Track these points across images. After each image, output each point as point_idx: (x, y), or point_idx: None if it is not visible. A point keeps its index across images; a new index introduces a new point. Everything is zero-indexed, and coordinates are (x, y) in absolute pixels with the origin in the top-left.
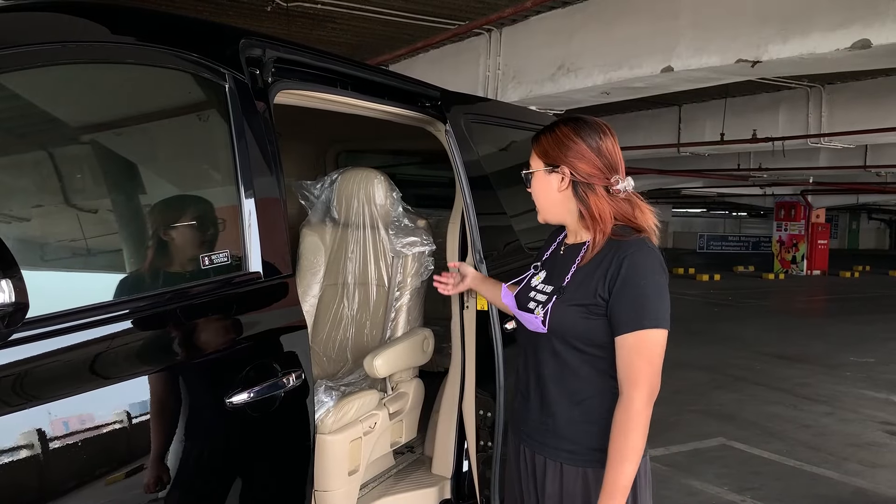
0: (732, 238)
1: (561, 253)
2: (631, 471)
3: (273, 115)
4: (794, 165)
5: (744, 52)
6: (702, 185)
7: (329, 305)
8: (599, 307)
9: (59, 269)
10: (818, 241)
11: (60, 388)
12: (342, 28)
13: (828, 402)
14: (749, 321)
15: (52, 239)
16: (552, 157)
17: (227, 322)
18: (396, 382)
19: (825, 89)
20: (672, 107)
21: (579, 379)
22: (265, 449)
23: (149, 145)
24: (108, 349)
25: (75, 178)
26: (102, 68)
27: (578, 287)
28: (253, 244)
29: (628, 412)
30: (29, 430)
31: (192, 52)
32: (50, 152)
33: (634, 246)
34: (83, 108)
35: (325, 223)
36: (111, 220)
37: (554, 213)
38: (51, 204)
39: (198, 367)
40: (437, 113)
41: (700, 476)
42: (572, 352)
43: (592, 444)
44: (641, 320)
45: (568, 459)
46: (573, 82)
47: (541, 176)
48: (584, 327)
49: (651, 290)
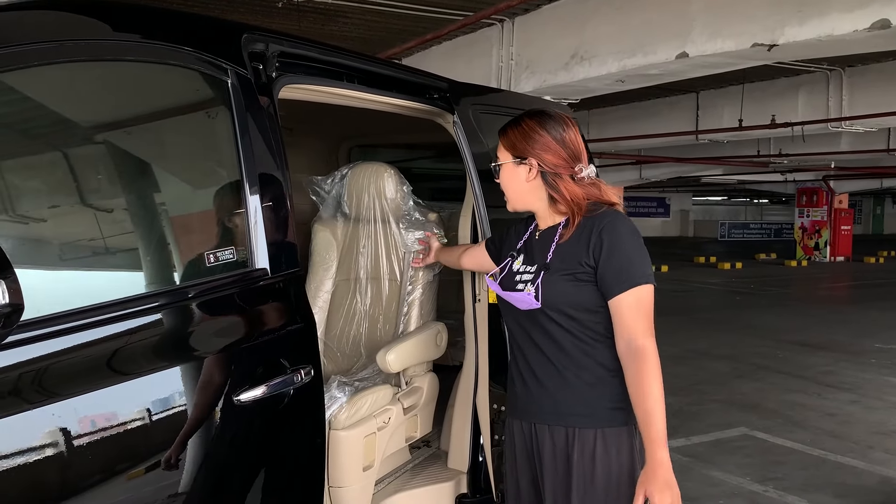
0: (754, 225)
1: (536, 238)
2: (663, 414)
3: (277, 110)
4: (816, 151)
5: (759, 36)
6: (722, 173)
7: (342, 301)
8: (586, 273)
9: (58, 269)
10: (841, 226)
11: (64, 389)
12: (354, 23)
13: (852, 389)
14: (771, 309)
15: (52, 238)
16: (520, 150)
17: (233, 319)
18: (410, 377)
19: (845, 72)
20: (689, 94)
21: (582, 344)
22: (275, 447)
23: (150, 143)
24: (111, 349)
25: (75, 178)
26: (101, 66)
27: (562, 260)
28: (259, 240)
29: (646, 362)
30: (31, 432)
31: (194, 47)
32: (49, 151)
33: (610, 216)
34: (83, 106)
35: (337, 218)
36: (112, 218)
37: (523, 202)
38: (49, 203)
39: (204, 366)
40: (445, 104)
41: (721, 466)
42: (568, 320)
43: (605, 404)
44: (635, 278)
45: (585, 423)
46: (587, 71)
47: (509, 168)
48: (575, 294)
49: (635, 251)
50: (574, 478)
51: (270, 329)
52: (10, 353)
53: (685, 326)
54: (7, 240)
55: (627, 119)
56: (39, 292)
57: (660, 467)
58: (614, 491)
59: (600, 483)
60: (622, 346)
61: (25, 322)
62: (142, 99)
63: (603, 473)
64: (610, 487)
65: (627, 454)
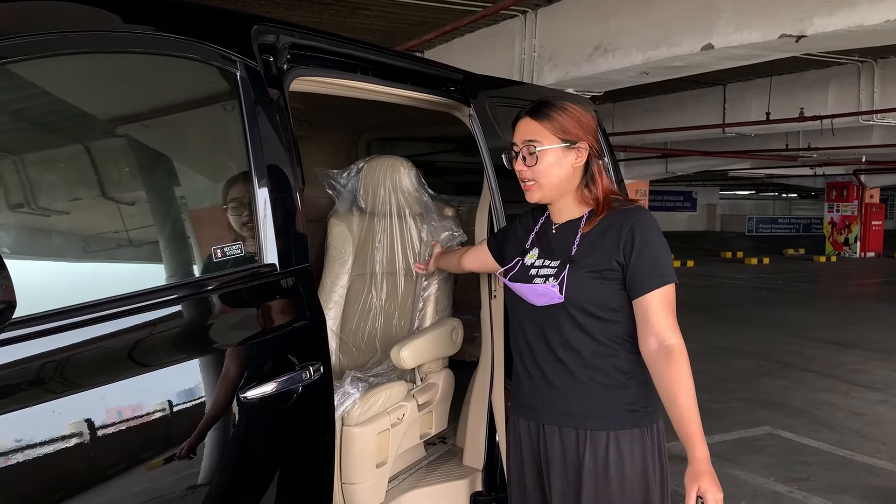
0: (782, 220)
1: (554, 231)
2: (698, 412)
3: (289, 103)
4: (846, 144)
5: (787, 27)
6: (749, 167)
7: (357, 296)
8: (613, 272)
9: (57, 263)
10: (872, 221)
11: (63, 386)
12: (375, 15)
13: (882, 389)
14: (799, 305)
15: (55, 232)
16: (572, 134)
17: (240, 315)
18: (425, 373)
19: (877, 64)
20: (716, 86)
21: (599, 346)
22: (283, 444)
23: (156, 136)
24: (111, 347)
25: (78, 172)
26: (106, 58)
27: (588, 254)
28: (268, 235)
29: (678, 361)
30: (28, 429)
31: (201, 39)
32: (50, 144)
33: (640, 212)
34: (87, 99)
35: (353, 212)
36: (115, 212)
37: (558, 190)
38: (52, 196)
39: (210, 362)
40: (460, 97)
41: (745, 466)
42: (589, 319)
43: (619, 406)
44: (664, 277)
45: (598, 425)
46: (611, 63)
47: (556, 152)
48: (598, 292)
49: (663, 249)
50: (585, 480)
51: (278, 325)
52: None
53: (711, 323)
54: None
55: (653, 112)
56: (35, 289)
57: (704, 464)
58: (627, 494)
59: (613, 486)
60: (651, 344)
61: (18, 319)
62: (148, 91)
63: (616, 476)
64: (623, 490)
65: (640, 456)
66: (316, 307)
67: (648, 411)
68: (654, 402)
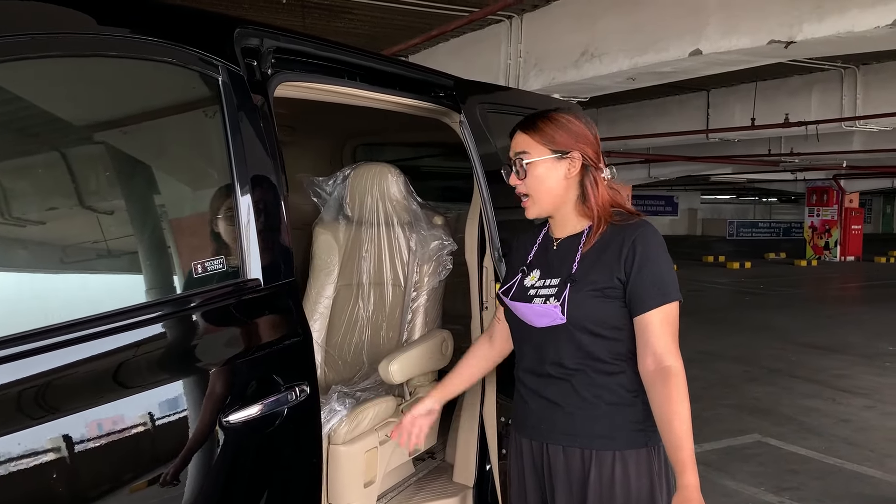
0: (763, 224)
1: (555, 248)
2: (691, 437)
3: (273, 109)
4: (827, 150)
5: (776, 33)
6: (731, 172)
7: (343, 307)
8: (615, 290)
9: (28, 280)
10: (852, 226)
11: (37, 412)
12: (359, 19)
13: (868, 394)
14: (782, 310)
15: (24, 246)
16: (561, 143)
17: (222, 334)
18: (414, 387)
19: (860, 70)
20: (700, 92)
21: (604, 363)
22: (268, 469)
23: (133, 144)
24: (82, 372)
25: (51, 181)
26: (80, 62)
27: (589, 272)
28: (252, 249)
29: (675, 384)
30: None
31: (181, 43)
32: (23, 152)
33: (641, 227)
34: (60, 105)
35: (339, 221)
36: (88, 225)
37: (553, 204)
38: (21, 208)
39: (190, 385)
40: (450, 103)
41: (735, 475)
42: (591, 337)
43: (625, 425)
44: (667, 295)
45: (603, 445)
46: (597, 68)
47: (547, 164)
48: (601, 311)
49: (666, 265)
50: (590, 501)
51: (263, 344)
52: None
53: (695, 327)
54: None
55: (637, 117)
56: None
57: (692, 491)
58: None
59: None
60: (649, 364)
61: None
62: (124, 98)
63: (622, 496)
64: None
65: (647, 476)
66: (303, 324)
67: (656, 430)
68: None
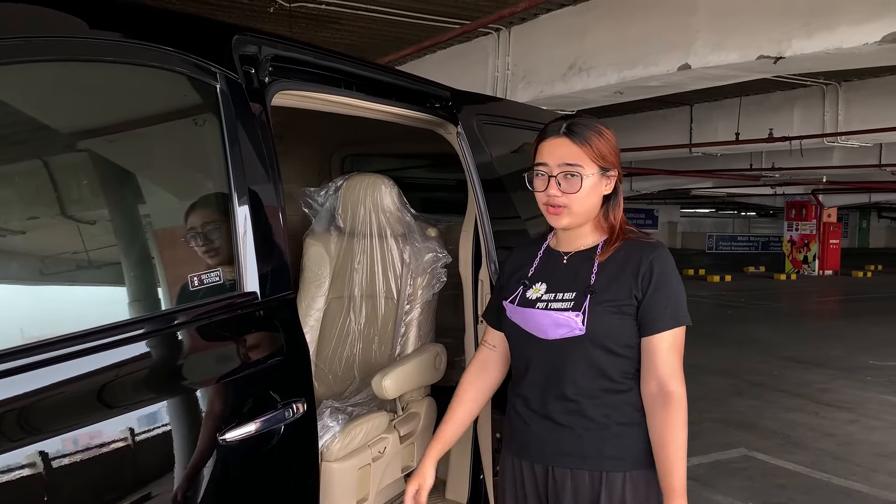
0: (742, 238)
1: (564, 262)
2: (685, 464)
3: (270, 118)
4: (808, 165)
5: (765, 48)
6: (712, 186)
7: (335, 320)
8: (631, 307)
9: (12, 295)
10: (830, 240)
11: (19, 432)
12: (347, 29)
13: (851, 408)
14: (763, 323)
15: (9, 258)
16: (609, 161)
17: (218, 349)
18: (407, 402)
19: (841, 87)
20: (684, 106)
21: (612, 382)
22: (264, 489)
23: (126, 152)
24: (76, 388)
25: (42, 189)
26: (75, 67)
27: (608, 287)
28: (248, 262)
29: (676, 410)
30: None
31: (179, 49)
32: (9, 158)
33: (659, 247)
34: (53, 111)
35: (330, 232)
36: (82, 235)
37: (586, 217)
38: (14, 218)
39: (186, 403)
40: (447, 114)
41: (722, 490)
42: (606, 354)
43: (636, 445)
44: (678, 318)
45: (614, 466)
46: (585, 82)
47: (595, 179)
48: (619, 328)
49: (679, 288)
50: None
51: (260, 359)
52: None
53: None
54: None
55: (620, 130)
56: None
57: None
58: None
59: None
60: (652, 387)
61: None
62: (119, 104)
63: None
64: None
65: (655, 497)
66: (300, 339)
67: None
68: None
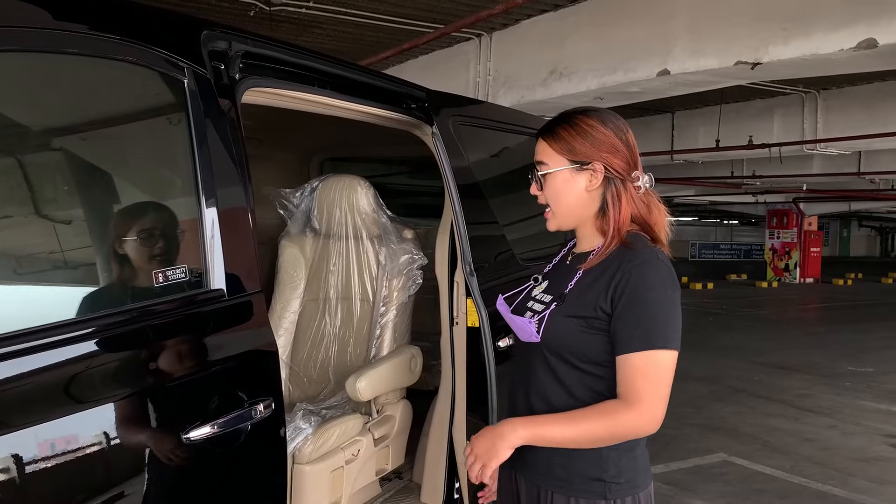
0: (724, 246)
1: (567, 262)
2: (560, 436)
3: (240, 115)
4: (788, 173)
5: (743, 54)
6: (694, 194)
7: (310, 322)
8: (600, 321)
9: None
10: (811, 248)
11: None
12: (328, 33)
13: (830, 414)
14: (745, 330)
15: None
16: (581, 153)
17: (183, 346)
18: (382, 405)
19: (820, 95)
20: (665, 114)
21: (572, 398)
22: (230, 490)
23: (90, 147)
24: (35, 382)
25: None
26: (36, 58)
27: (580, 296)
28: (216, 259)
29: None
30: None
31: (146, 42)
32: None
33: (644, 256)
34: (9, 104)
35: (306, 234)
36: (45, 232)
37: (574, 217)
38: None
39: (149, 401)
40: (423, 115)
41: (702, 495)
42: (566, 368)
43: (586, 472)
44: (650, 339)
45: (558, 487)
46: (566, 87)
47: (565, 175)
48: (581, 342)
49: (661, 305)
50: None
51: (226, 357)
52: None
53: None
54: None
55: None
56: None
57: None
58: None
59: None
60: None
61: None
62: (83, 98)
63: None
64: None
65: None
66: (268, 337)
67: (620, 484)
68: (633, 476)
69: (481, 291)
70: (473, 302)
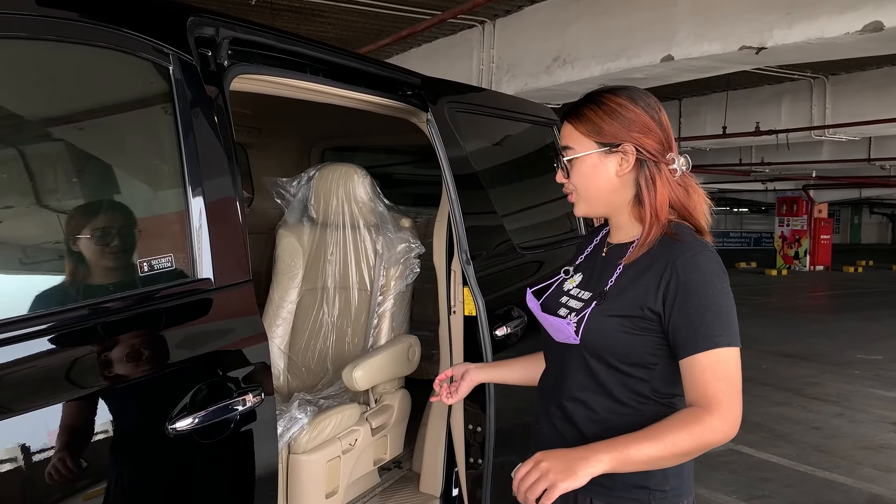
0: (734, 234)
1: (603, 254)
2: (646, 457)
3: (228, 102)
4: (797, 159)
5: (747, 39)
6: (703, 182)
7: (308, 312)
8: (648, 321)
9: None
10: (821, 236)
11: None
12: (330, 22)
13: (837, 402)
14: (753, 318)
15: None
16: (609, 135)
17: (169, 336)
18: (380, 394)
19: (829, 80)
20: (672, 101)
21: (614, 402)
22: (219, 482)
23: (72, 135)
24: (19, 372)
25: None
26: (14, 45)
27: (623, 293)
28: (203, 247)
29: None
30: None
31: (129, 28)
32: None
33: (694, 248)
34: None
35: (303, 223)
36: (29, 221)
37: (604, 204)
38: None
39: (133, 391)
40: (418, 101)
41: (707, 484)
42: (608, 370)
43: (629, 479)
44: (715, 337)
45: (601, 495)
46: (569, 74)
47: (593, 159)
48: (626, 344)
49: (721, 299)
50: None
51: (214, 347)
52: None
53: None
54: None
55: None
56: None
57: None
58: None
59: None
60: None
61: None
62: (64, 86)
63: None
64: None
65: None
66: (257, 327)
67: (665, 492)
68: (679, 484)
69: (478, 280)
70: (470, 291)
